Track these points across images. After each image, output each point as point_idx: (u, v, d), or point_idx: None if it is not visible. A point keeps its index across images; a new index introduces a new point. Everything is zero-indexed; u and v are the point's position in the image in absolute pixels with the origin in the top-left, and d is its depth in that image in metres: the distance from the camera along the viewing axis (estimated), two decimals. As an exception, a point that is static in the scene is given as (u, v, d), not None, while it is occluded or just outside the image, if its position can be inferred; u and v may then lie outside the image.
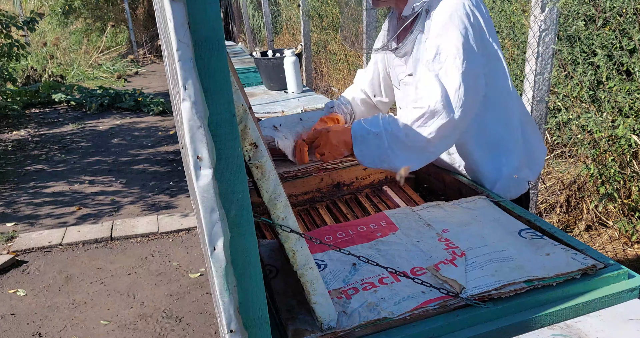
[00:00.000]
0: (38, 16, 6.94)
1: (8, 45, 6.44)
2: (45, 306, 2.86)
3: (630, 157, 2.59)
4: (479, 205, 1.40)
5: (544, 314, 1.01)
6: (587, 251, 1.13)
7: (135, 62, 11.02)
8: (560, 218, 2.95)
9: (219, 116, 0.69)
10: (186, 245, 3.44)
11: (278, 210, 0.87)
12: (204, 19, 0.64)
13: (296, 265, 0.91)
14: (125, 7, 11.64)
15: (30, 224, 3.88)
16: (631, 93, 2.48)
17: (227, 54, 0.69)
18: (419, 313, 1.00)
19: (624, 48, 2.49)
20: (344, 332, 0.96)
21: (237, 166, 0.72)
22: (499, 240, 1.21)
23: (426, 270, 1.12)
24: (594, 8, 2.60)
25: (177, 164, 4.98)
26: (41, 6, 11.76)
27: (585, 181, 2.85)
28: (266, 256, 1.23)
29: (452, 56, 1.38)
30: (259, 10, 8.55)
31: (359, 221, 1.39)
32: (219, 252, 0.74)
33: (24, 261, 3.33)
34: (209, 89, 0.67)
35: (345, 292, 1.07)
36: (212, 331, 2.59)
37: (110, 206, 4.13)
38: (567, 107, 2.78)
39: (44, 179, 4.79)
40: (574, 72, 2.71)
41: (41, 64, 9.61)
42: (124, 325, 2.67)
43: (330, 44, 6.03)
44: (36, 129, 6.43)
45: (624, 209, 2.70)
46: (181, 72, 0.65)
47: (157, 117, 6.79)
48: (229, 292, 0.76)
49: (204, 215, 0.72)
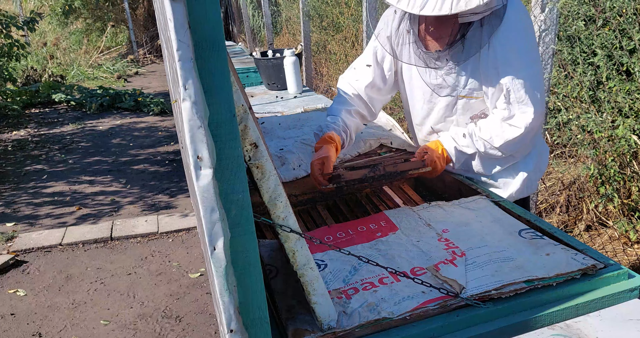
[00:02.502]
0: (38, 16, 6.94)
1: (8, 45, 6.44)
2: (45, 306, 2.86)
3: (630, 157, 2.59)
4: (479, 205, 1.41)
5: (544, 314, 1.01)
6: (587, 251, 1.13)
7: (135, 62, 11.02)
8: (560, 218, 2.95)
9: (219, 116, 0.69)
10: (186, 245, 3.44)
11: (278, 210, 0.87)
12: (204, 19, 0.64)
13: (296, 265, 0.91)
14: (125, 7, 11.64)
15: (30, 224, 3.88)
16: (631, 93, 2.48)
17: (227, 54, 0.69)
18: (419, 313, 1.00)
19: (624, 48, 2.49)
20: (344, 332, 0.96)
21: (237, 166, 0.72)
22: (499, 240, 1.21)
23: (426, 270, 1.12)
24: (594, 8, 2.60)
25: (177, 164, 4.98)
26: (41, 6, 11.76)
27: (585, 181, 2.85)
28: (266, 256, 1.23)
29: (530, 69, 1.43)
30: (259, 10, 8.55)
31: (359, 221, 1.39)
32: (219, 252, 0.74)
33: (24, 261, 3.33)
34: (209, 89, 0.67)
35: (345, 292, 1.07)
36: (212, 331, 2.58)
37: (110, 206, 4.13)
38: (567, 108, 2.78)
39: (44, 179, 4.79)
40: (574, 73, 2.71)
41: (41, 64, 9.61)
42: (124, 325, 2.66)
43: (330, 44, 6.03)
44: (36, 129, 6.42)
45: (624, 209, 2.70)
46: (181, 72, 0.65)
47: (157, 117, 6.79)
48: (229, 292, 0.76)
49: (204, 214, 0.72)
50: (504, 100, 1.46)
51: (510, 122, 1.48)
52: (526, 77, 1.42)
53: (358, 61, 1.76)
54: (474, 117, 1.59)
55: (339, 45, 5.76)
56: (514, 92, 1.43)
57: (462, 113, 1.59)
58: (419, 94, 1.66)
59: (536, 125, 1.48)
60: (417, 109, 1.70)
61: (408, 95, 1.72)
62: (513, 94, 1.44)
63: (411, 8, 1.31)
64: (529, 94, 1.43)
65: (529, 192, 1.67)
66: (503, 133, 1.49)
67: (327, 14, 5.91)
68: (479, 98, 1.54)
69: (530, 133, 1.49)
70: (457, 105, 1.58)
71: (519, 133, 1.47)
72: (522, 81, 1.42)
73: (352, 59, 5.46)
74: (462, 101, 1.57)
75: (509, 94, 1.44)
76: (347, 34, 5.58)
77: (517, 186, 1.63)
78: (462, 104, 1.57)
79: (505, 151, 1.52)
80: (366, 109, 1.77)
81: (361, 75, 1.73)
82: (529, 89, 1.43)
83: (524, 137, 1.48)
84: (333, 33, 5.85)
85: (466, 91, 1.54)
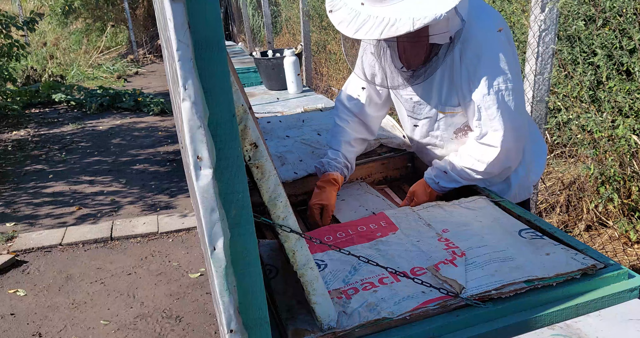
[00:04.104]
0: (38, 16, 6.94)
1: (8, 45, 6.44)
2: (45, 306, 2.86)
3: (630, 157, 2.59)
4: (479, 205, 1.40)
5: (544, 314, 1.01)
6: (587, 251, 1.13)
7: (135, 62, 11.02)
8: (560, 218, 2.95)
9: (219, 116, 0.69)
10: (186, 245, 3.44)
11: (278, 210, 0.87)
12: (204, 19, 0.64)
13: (296, 265, 0.91)
14: (125, 7, 11.63)
15: (30, 224, 3.88)
16: (631, 93, 2.48)
17: (227, 54, 0.69)
18: (419, 313, 1.00)
19: (624, 48, 2.49)
20: (344, 332, 0.96)
21: (237, 166, 0.72)
22: (499, 240, 1.21)
23: (426, 270, 1.12)
24: (594, 8, 2.60)
25: (177, 164, 4.98)
26: (41, 6, 11.76)
27: (585, 181, 2.85)
28: (266, 256, 1.23)
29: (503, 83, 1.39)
30: (259, 10, 8.55)
31: (359, 221, 1.39)
32: (219, 252, 0.74)
33: (24, 261, 3.33)
34: (209, 89, 0.67)
35: (345, 292, 1.07)
36: (212, 331, 2.58)
37: (110, 206, 4.13)
38: (567, 107, 2.78)
39: (44, 179, 4.79)
40: (574, 72, 2.71)
41: (41, 64, 9.61)
42: (124, 325, 2.66)
43: (330, 44, 6.03)
44: (36, 129, 6.42)
45: (624, 209, 2.70)
46: (181, 72, 0.65)
47: (157, 117, 6.79)
48: (229, 292, 0.76)
49: (204, 214, 0.72)
50: (476, 117, 1.44)
51: (484, 141, 1.46)
52: (498, 93, 1.39)
53: (351, 83, 1.77)
54: (458, 132, 1.58)
55: (339, 45, 5.76)
56: (485, 110, 1.41)
57: (445, 129, 1.59)
58: (402, 109, 1.68)
59: (512, 142, 1.44)
60: (405, 122, 1.72)
61: (396, 108, 1.75)
62: (484, 112, 1.42)
63: (346, 31, 1.32)
64: (500, 110, 1.40)
65: (524, 197, 1.67)
66: (482, 156, 1.47)
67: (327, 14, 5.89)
68: (459, 112, 1.53)
69: (511, 150, 1.46)
70: (438, 121, 1.58)
71: (497, 152, 1.44)
72: (493, 97, 1.39)
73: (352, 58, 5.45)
74: (442, 117, 1.57)
75: (479, 111, 1.42)
76: (347, 34, 5.57)
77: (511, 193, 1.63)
78: (444, 121, 1.57)
79: (491, 173, 1.50)
80: (366, 132, 1.78)
81: (358, 97, 1.74)
82: (500, 106, 1.40)
83: (505, 156, 1.46)
84: (333, 33, 5.85)
85: (445, 107, 1.53)
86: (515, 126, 1.43)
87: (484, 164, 1.47)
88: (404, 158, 1.90)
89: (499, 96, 1.40)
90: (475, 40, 1.38)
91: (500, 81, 1.39)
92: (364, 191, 1.77)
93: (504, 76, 1.39)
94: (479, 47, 1.38)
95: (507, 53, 1.40)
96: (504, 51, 1.39)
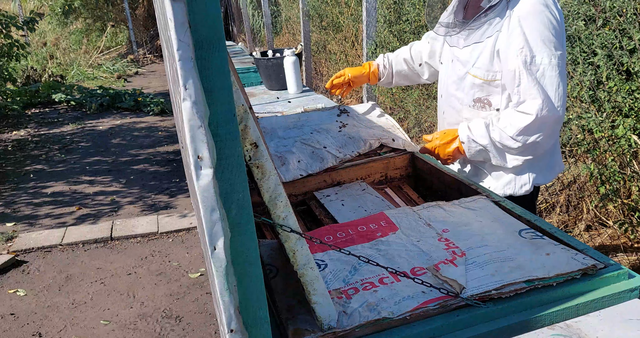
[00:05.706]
0: (38, 16, 6.95)
1: (8, 45, 6.44)
2: (45, 306, 2.86)
3: (630, 157, 2.58)
4: (479, 205, 1.40)
5: (544, 314, 1.01)
6: (587, 251, 1.13)
7: (135, 62, 11.02)
8: (560, 218, 2.95)
9: (219, 115, 0.69)
10: (186, 245, 3.44)
11: (278, 210, 0.87)
12: (204, 19, 0.64)
13: (296, 265, 0.91)
14: (125, 7, 11.64)
15: (30, 224, 3.88)
16: (631, 93, 2.48)
17: (227, 54, 0.69)
18: (419, 313, 1.00)
19: (624, 48, 2.49)
20: (344, 332, 0.96)
21: (238, 165, 0.72)
22: (499, 239, 1.21)
23: (426, 270, 1.12)
24: (594, 8, 2.60)
25: (177, 164, 4.98)
26: (41, 6, 11.77)
27: (585, 181, 2.85)
28: (266, 256, 1.23)
29: (547, 56, 1.45)
30: (259, 10, 8.55)
31: (359, 221, 1.39)
32: (219, 252, 0.74)
33: (24, 261, 3.33)
34: (209, 89, 0.67)
35: (346, 292, 1.07)
36: (212, 331, 2.58)
37: (110, 206, 4.13)
38: (567, 107, 2.78)
39: (44, 179, 4.79)
40: (574, 72, 2.71)
41: (41, 64, 9.61)
42: (124, 325, 2.66)
43: (330, 44, 6.03)
44: (36, 129, 6.42)
45: (624, 209, 2.70)
46: (182, 72, 0.65)
47: (157, 117, 6.79)
48: (229, 292, 0.76)
49: (204, 214, 0.71)
50: (517, 84, 1.48)
51: (521, 109, 1.49)
52: (541, 65, 1.44)
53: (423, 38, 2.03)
54: (477, 101, 1.65)
55: (338, 45, 5.76)
56: (526, 76, 1.45)
57: (468, 91, 1.66)
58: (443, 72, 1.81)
59: (547, 114, 1.46)
60: (440, 83, 1.84)
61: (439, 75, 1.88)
62: (524, 78, 1.46)
63: None
64: (540, 80, 1.44)
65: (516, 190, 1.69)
66: (515, 120, 1.50)
67: (327, 14, 5.90)
68: (483, 80, 1.59)
69: (546, 124, 1.48)
70: (465, 80, 1.65)
71: (530, 120, 1.47)
72: (537, 67, 1.44)
73: (352, 58, 5.46)
74: (470, 78, 1.63)
75: (520, 77, 1.46)
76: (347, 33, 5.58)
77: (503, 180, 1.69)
78: (470, 82, 1.64)
79: (520, 141, 1.52)
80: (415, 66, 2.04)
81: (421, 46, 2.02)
82: (542, 77, 1.44)
83: (538, 126, 1.48)
84: (333, 33, 5.85)
85: (474, 69, 1.60)
86: (553, 99, 1.46)
87: (515, 129, 1.50)
88: (404, 158, 1.90)
89: (541, 67, 1.44)
90: (526, 11, 1.46)
91: (544, 55, 1.45)
92: (364, 191, 1.77)
93: (549, 51, 1.45)
94: (529, 19, 1.45)
95: (557, 31, 1.46)
96: (553, 27, 1.46)
